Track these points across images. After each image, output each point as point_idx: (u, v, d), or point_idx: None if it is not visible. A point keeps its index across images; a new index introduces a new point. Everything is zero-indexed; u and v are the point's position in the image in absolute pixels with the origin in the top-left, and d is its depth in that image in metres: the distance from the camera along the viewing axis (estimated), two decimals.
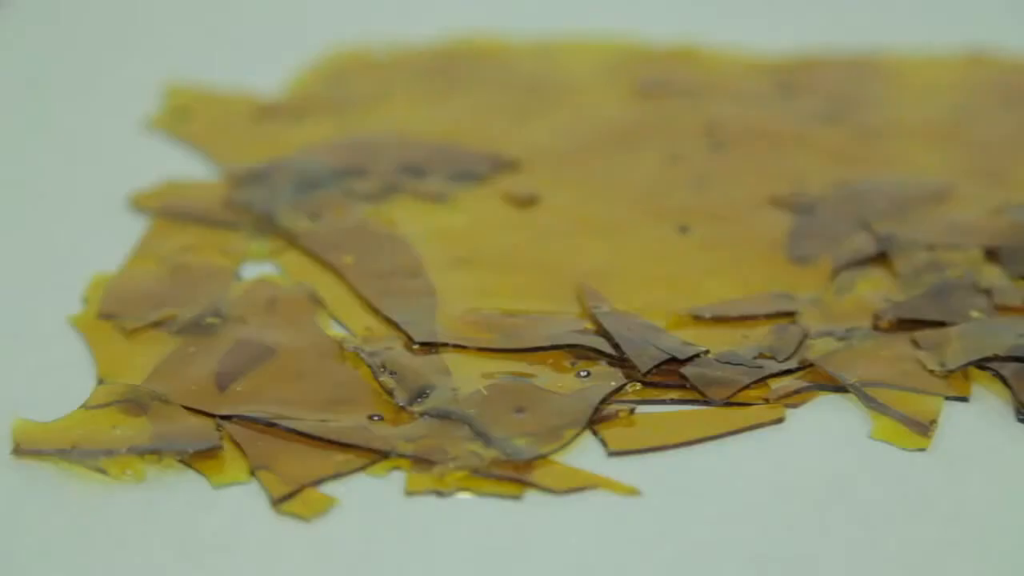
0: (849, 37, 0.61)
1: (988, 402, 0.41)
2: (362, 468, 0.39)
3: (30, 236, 0.49)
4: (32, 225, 0.50)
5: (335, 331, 0.44)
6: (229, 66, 0.60)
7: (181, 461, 0.39)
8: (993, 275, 0.45)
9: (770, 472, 0.39)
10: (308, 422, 0.40)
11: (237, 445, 0.39)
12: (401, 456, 0.39)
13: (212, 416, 0.40)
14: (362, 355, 0.42)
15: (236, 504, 0.38)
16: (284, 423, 0.40)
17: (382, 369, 0.42)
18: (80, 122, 0.56)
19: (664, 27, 0.62)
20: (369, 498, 0.38)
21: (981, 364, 0.41)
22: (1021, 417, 0.40)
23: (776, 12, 0.64)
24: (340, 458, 0.39)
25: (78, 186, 0.52)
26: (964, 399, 0.41)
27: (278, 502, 0.38)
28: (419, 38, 0.62)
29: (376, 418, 0.40)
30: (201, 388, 0.41)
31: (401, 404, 0.41)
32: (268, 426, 0.40)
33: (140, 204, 0.50)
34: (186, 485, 0.38)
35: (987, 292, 0.44)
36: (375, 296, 0.45)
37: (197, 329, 0.43)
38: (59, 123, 0.56)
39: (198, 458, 0.39)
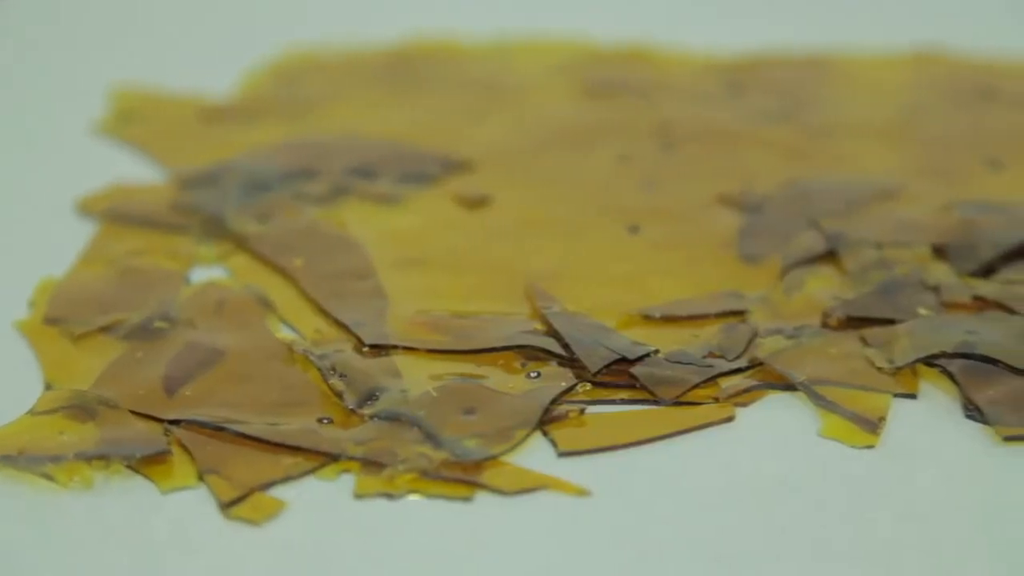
0: (799, 37, 0.61)
1: (936, 399, 0.41)
2: (311, 471, 0.39)
3: None
4: None
5: (285, 334, 0.44)
6: (179, 69, 0.59)
7: (129, 466, 0.39)
8: (941, 272, 0.45)
9: (720, 471, 0.39)
10: (257, 425, 0.40)
11: (185, 449, 0.39)
12: (351, 459, 0.39)
13: (160, 421, 0.40)
14: (311, 358, 0.42)
15: (185, 509, 0.38)
16: (233, 427, 0.40)
17: (332, 372, 0.42)
18: (27, 126, 0.56)
19: (615, 27, 0.62)
20: (319, 501, 0.38)
21: (929, 361, 0.41)
22: (969, 413, 0.40)
23: (727, 12, 0.65)
24: (289, 461, 0.39)
25: (25, 190, 0.52)
26: (912, 396, 0.41)
27: (227, 506, 0.37)
28: (371, 39, 0.61)
29: (326, 421, 0.40)
30: (149, 392, 0.41)
31: (351, 407, 0.40)
32: (217, 430, 0.40)
33: (88, 208, 0.50)
34: (134, 491, 0.38)
35: (935, 289, 0.44)
36: (325, 298, 0.45)
37: (145, 333, 0.43)
38: (6, 126, 0.56)
39: (146, 463, 0.39)
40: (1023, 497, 0.38)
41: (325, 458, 0.39)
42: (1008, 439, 0.39)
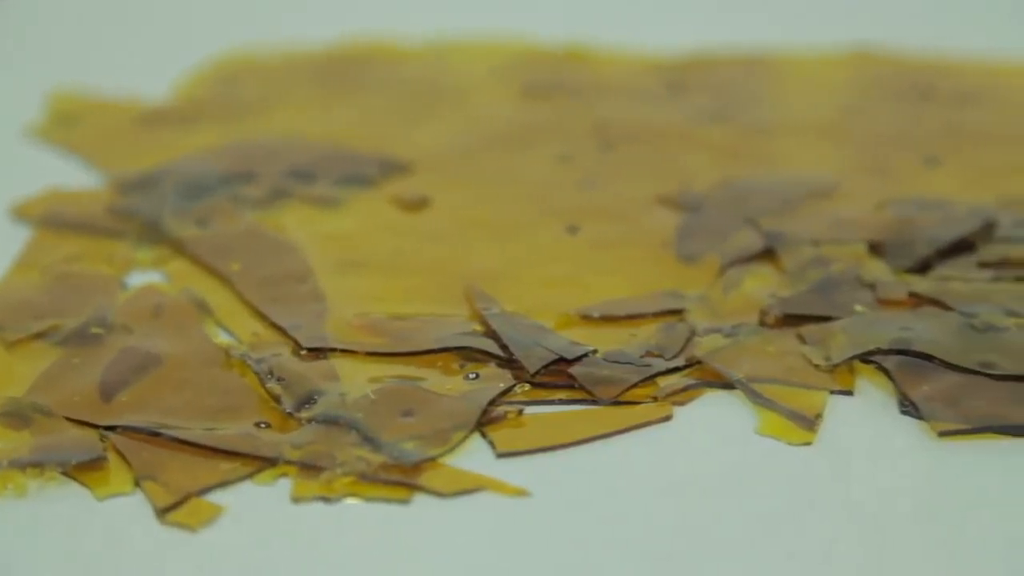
0: (738, 36, 0.61)
1: (872, 395, 0.41)
2: (249, 476, 0.38)
3: None
4: None
5: (222, 338, 0.44)
6: (116, 72, 0.59)
7: (64, 473, 0.38)
8: (877, 269, 0.45)
9: (658, 470, 0.39)
10: (194, 431, 0.39)
11: (122, 456, 0.39)
12: (288, 463, 0.39)
13: (96, 427, 0.40)
14: (249, 362, 0.42)
15: (121, 515, 0.37)
16: (169, 432, 0.39)
17: (269, 376, 0.41)
18: None
19: (555, 28, 0.62)
20: (256, 506, 0.38)
21: (865, 358, 0.42)
22: (904, 409, 0.40)
23: (666, 12, 0.65)
24: (226, 466, 0.38)
25: None
26: (849, 393, 0.41)
27: (163, 512, 0.37)
28: (309, 41, 0.61)
29: (263, 425, 0.40)
30: (85, 399, 0.41)
31: (288, 410, 0.40)
32: (153, 435, 0.39)
33: (22, 213, 0.49)
34: (69, 498, 0.38)
35: (871, 286, 0.45)
36: (263, 302, 0.45)
37: (81, 339, 0.43)
38: None
39: (82, 470, 0.38)
40: (958, 492, 0.38)
41: (262, 462, 0.39)
42: (943, 434, 0.39)
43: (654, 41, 0.61)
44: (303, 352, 0.42)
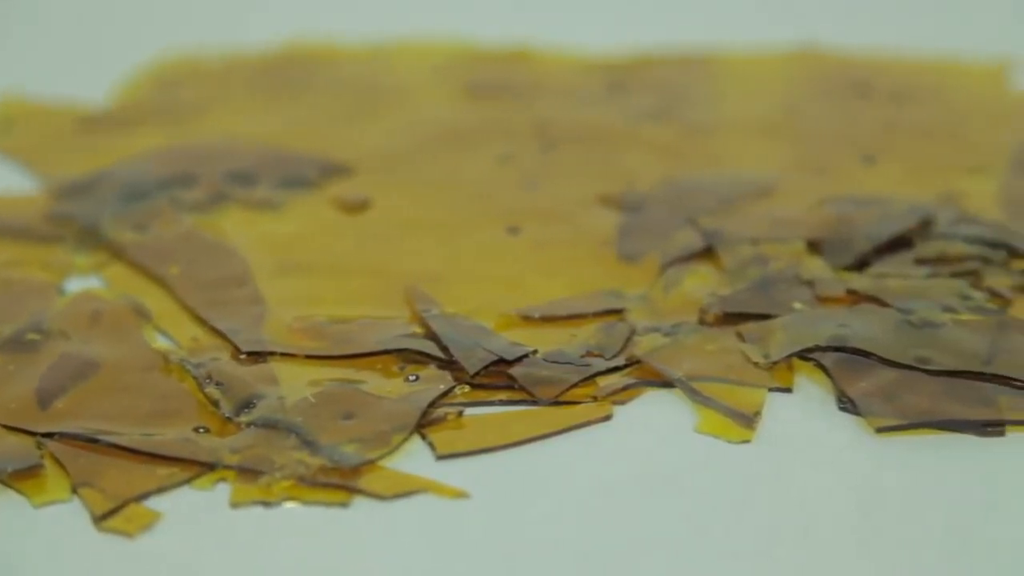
0: (679, 36, 0.61)
1: (810, 392, 0.41)
2: (187, 481, 0.38)
3: None
4: None
5: (161, 344, 0.43)
6: (54, 77, 0.59)
7: (0, 481, 0.38)
8: (816, 267, 0.46)
9: (598, 469, 0.39)
10: (131, 436, 0.39)
11: (59, 463, 0.39)
12: (227, 468, 0.38)
13: (33, 434, 0.39)
14: (187, 367, 0.42)
15: (58, 523, 0.37)
16: (106, 438, 0.39)
17: (208, 380, 0.41)
18: None
19: (497, 28, 0.62)
20: (194, 511, 0.37)
21: (803, 355, 0.42)
22: (842, 406, 0.41)
23: (607, 12, 0.65)
24: (164, 472, 0.38)
25: None
26: (788, 390, 0.41)
27: (100, 519, 0.37)
28: (250, 44, 0.61)
29: (202, 430, 0.40)
30: (21, 406, 0.40)
31: (227, 415, 0.40)
32: (90, 442, 0.39)
33: None
34: (6, 506, 0.38)
35: (810, 284, 0.45)
36: (201, 306, 0.45)
37: (17, 346, 0.43)
38: None
39: (18, 478, 0.38)
40: (896, 487, 0.38)
41: (201, 467, 0.39)
42: (880, 430, 0.40)
43: (596, 41, 0.61)
44: (242, 356, 0.42)
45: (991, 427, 0.39)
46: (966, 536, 0.37)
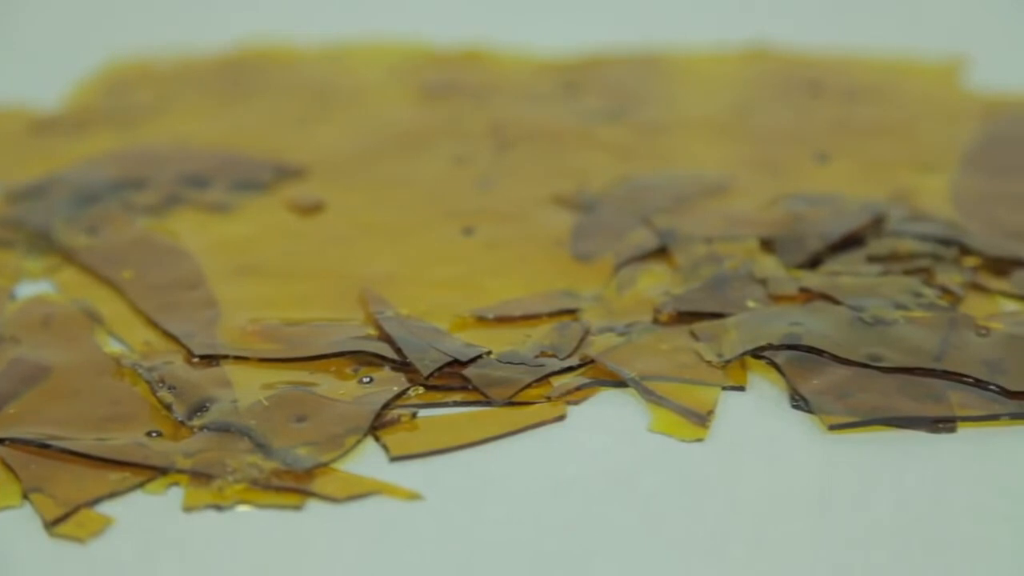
0: (632, 36, 0.61)
1: (764, 390, 0.41)
2: (139, 486, 0.38)
3: None
4: None
5: (114, 348, 0.43)
6: (4, 80, 0.58)
7: None
8: (769, 265, 0.46)
9: (552, 469, 0.39)
10: (83, 441, 0.39)
11: (9, 468, 0.38)
12: (179, 472, 0.38)
13: None
14: (140, 371, 0.42)
15: (9, 529, 0.37)
16: (58, 443, 0.39)
17: (160, 384, 0.41)
18: None
19: (452, 29, 0.62)
20: (146, 516, 0.37)
21: (756, 353, 0.42)
22: (795, 404, 0.41)
23: (561, 13, 0.65)
24: (116, 477, 0.38)
25: None
26: (741, 388, 0.41)
27: (52, 524, 0.37)
28: (202, 47, 0.61)
29: (154, 434, 0.40)
30: None
31: (180, 419, 0.40)
32: (42, 447, 0.39)
33: None
34: None
35: (763, 282, 0.45)
36: (154, 310, 0.44)
37: None
38: None
39: None
40: (848, 484, 0.38)
41: (153, 472, 0.38)
42: (833, 427, 0.40)
43: (550, 42, 0.61)
44: (195, 360, 0.42)
45: (942, 423, 0.40)
46: (918, 532, 0.37)
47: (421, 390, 0.41)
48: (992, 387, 0.40)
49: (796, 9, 0.64)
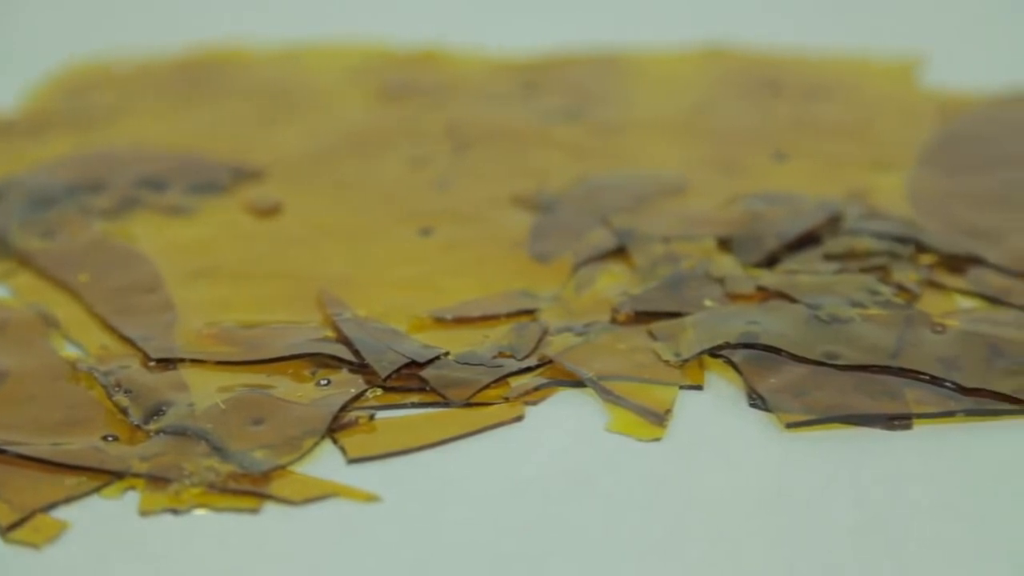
0: (591, 35, 0.61)
1: (721, 389, 0.41)
2: (95, 490, 0.38)
3: None
4: None
5: (69, 352, 0.43)
6: None
7: None
8: (726, 264, 0.46)
9: (510, 470, 0.39)
10: (39, 446, 0.39)
11: None
12: (136, 476, 0.38)
13: None
14: (96, 375, 0.41)
15: None
16: (13, 449, 0.39)
17: (117, 388, 0.41)
18: None
19: (408, 30, 0.62)
20: (102, 520, 0.37)
21: (714, 352, 0.42)
22: (753, 402, 0.41)
23: (519, 13, 0.65)
24: (71, 481, 0.38)
25: None
26: (699, 387, 0.41)
27: (6, 530, 0.37)
28: (162, 49, 0.61)
29: (111, 438, 0.39)
30: None
31: (136, 422, 0.40)
32: None
33: None
34: None
35: (720, 281, 0.45)
36: (111, 313, 0.44)
37: None
38: None
39: None
40: (805, 482, 0.38)
41: (109, 476, 0.38)
42: (790, 426, 0.40)
43: (508, 42, 0.61)
44: (152, 363, 0.42)
45: (898, 421, 0.40)
46: (875, 529, 0.37)
47: (379, 392, 0.41)
48: (947, 384, 0.41)
49: (754, 9, 0.64)
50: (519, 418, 0.41)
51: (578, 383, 0.42)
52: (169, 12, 0.65)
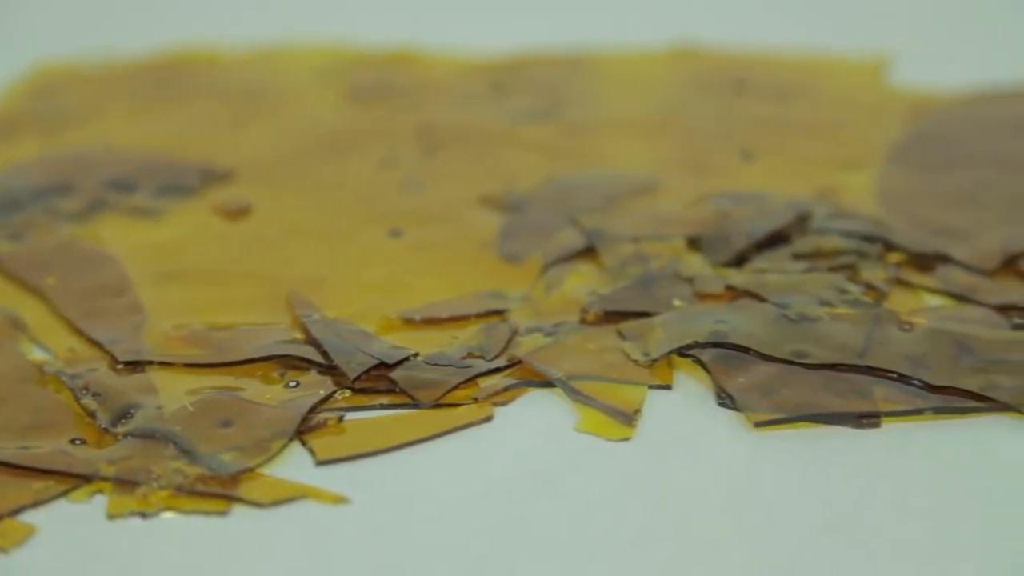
0: (560, 36, 0.61)
1: (690, 388, 0.41)
2: (63, 494, 0.38)
3: None
4: None
5: (37, 355, 0.43)
6: None
7: None
8: (695, 264, 0.46)
9: (479, 471, 0.39)
10: (6, 450, 0.39)
11: None
12: (103, 479, 0.38)
13: None
14: (63, 378, 0.41)
15: None
16: None
17: (84, 391, 0.41)
18: None
19: (378, 30, 0.62)
20: (70, 524, 0.37)
21: (682, 352, 0.42)
22: (721, 401, 0.41)
23: (489, 13, 0.65)
24: (39, 485, 0.38)
25: None
26: (668, 387, 0.42)
27: None
28: (130, 51, 0.60)
29: (78, 442, 0.39)
30: None
31: (104, 426, 0.40)
32: None
33: None
34: None
35: (689, 281, 0.45)
36: (79, 316, 0.44)
37: None
38: None
39: None
40: (774, 481, 0.38)
41: (77, 480, 0.38)
42: (759, 425, 0.40)
43: (477, 43, 0.61)
44: (120, 366, 0.42)
45: (867, 419, 0.40)
46: (844, 528, 0.37)
47: (348, 393, 0.41)
48: (915, 382, 0.41)
49: (722, 9, 0.64)
50: (488, 419, 0.41)
51: (547, 383, 0.42)
52: (139, 13, 0.64)
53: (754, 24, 0.62)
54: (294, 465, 0.39)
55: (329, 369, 0.42)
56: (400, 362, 0.42)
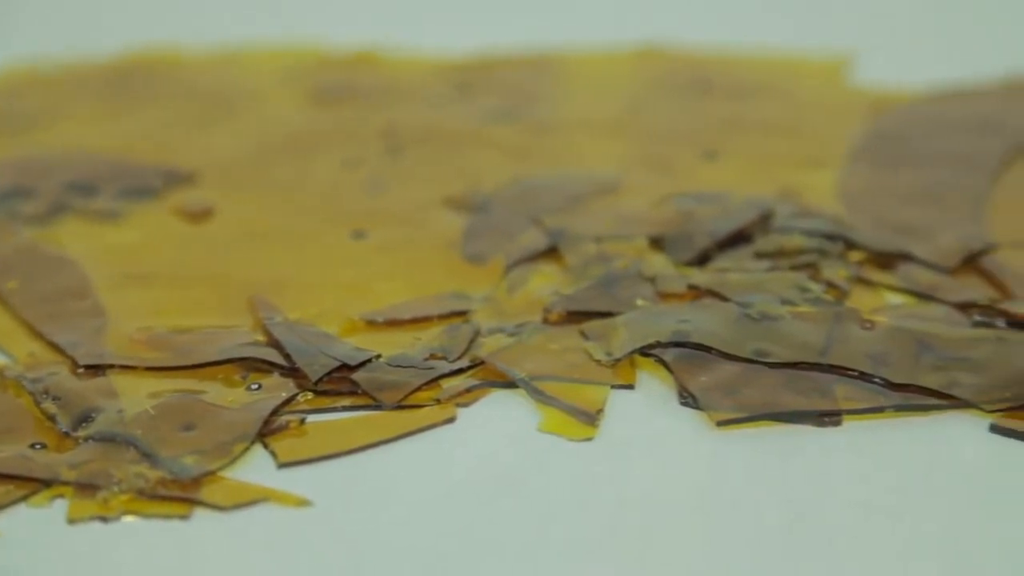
0: (524, 36, 0.61)
1: (653, 388, 0.42)
2: (23, 499, 0.38)
3: None
4: None
5: None
6: None
7: None
8: (658, 263, 0.46)
9: (442, 472, 0.39)
10: None
11: None
12: (64, 483, 0.38)
13: None
14: (23, 382, 0.41)
15: None
16: None
17: (44, 395, 0.41)
18: None
19: (343, 32, 0.62)
20: (30, 529, 0.37)
21: (645, 351, 0.42)
22: (684, 401, 0.41)
23: (453, 14, 0.65)
24: None
25: None
26: (630, 387, 0.42)
27: None
28: (93, 53, 0.60)
29: (38, 446, 0.39)
30: None
31: (64, 430, 0.40)
32: None
33: None
34: None
35: (652, 280, 0.45)
36: (39, 320, 0.44)
37: None
38: None
39: None
40: (737, 480, 0.39)
41: (37, 484, 0.38)
42: (721, 424, 0.40)
43: (442, 43, 0.61)
44: (80, 370, 0.42)
45: (828, 417, 0.40)
46: (806, 526, 0.37)
47: (310, 395, 0.41)
48: (876, 380, 0.41)
49: (685, 9, 0.64)
50: (451, 420, 0.40)
51: (510, 384, 0.42)
52: (102, 15, 0.64)
53: (718, 24, 0.62)
54: (256, 468, 0.39)
55: (291, 371, 0.42)
56: (362, 364, 0.42)
